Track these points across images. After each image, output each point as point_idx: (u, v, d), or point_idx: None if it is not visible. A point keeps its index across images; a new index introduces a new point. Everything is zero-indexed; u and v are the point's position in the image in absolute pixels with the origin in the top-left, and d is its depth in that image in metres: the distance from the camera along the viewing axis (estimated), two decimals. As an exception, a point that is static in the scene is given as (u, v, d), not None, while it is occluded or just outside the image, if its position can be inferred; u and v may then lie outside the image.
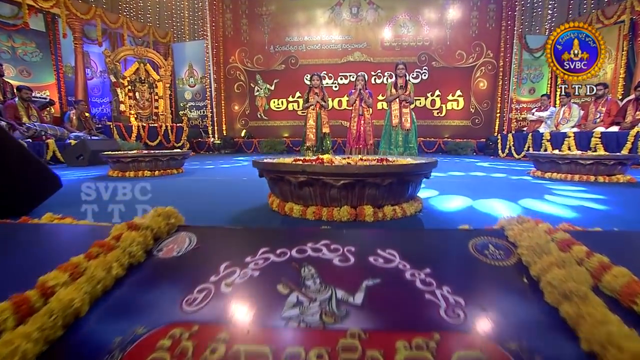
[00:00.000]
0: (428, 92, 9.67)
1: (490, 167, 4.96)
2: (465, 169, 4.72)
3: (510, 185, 3.04)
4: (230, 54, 10.35)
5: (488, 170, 4.43)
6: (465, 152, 8.80)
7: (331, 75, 9.98)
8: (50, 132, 6.21)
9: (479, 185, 2.96)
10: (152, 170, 3.83)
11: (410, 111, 5.57)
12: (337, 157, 2.31)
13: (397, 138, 5.60)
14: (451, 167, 4.92)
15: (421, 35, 9.58)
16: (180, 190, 2.76)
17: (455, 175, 3.85)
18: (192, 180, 3.46)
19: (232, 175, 3.91)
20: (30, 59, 7.90)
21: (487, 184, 3.08)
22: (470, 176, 3.75)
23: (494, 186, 2.91)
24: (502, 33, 9.00)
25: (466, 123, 9.72)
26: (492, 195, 2.38)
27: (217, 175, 3.97)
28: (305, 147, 5.75)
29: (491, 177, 3.69)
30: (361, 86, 5.58)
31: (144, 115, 9.15)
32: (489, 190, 2.66)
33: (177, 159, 4.02)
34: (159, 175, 3.84)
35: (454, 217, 1.76)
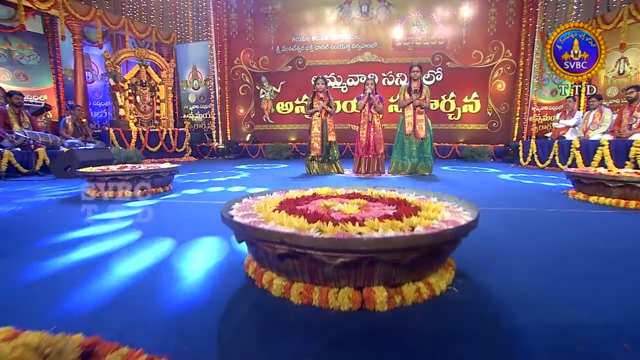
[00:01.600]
0: (442, 94, 9.06)
1: (515, 182, 4.37)
2: (488, 184, 4.14)
3: (564, 220, 2.48)
4: (235, 55, 9.89)
5: (513, 186, 3.84)
6: (482, 159, 8.18)
7: (340, 76, 9.45)
8: (41, 140, 5.82)
9: (518, 220, 2.42)
10: (133, 190, 3.38)
11: (425, 118, 5.01)
12: (339, 190, 1.79)
13: (410, 147, 5.04)
14: (471, 182, 4.34)
15: (435, 34, 8.98)
16: (131, 230, 2.28)
17: (480, 194, 3.29)
18: (167, 204, 2.97)
19: (222, 196, 3.42)
20: (27, 62, 7.56)
21: (527, 218, 2.53)
22: (497, 195, 3.19)
23: (537, 224, 2.36)
24: (523, 31, 8.35)
25: (483, 127, 9.09)
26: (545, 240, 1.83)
27: (205, 196, 3.48)
28: (309, 158, 5.23)
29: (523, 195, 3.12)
30: (371, 90, 5.04)
31: (145, 120, 8.77)
32: (534, 228, 2.12)
33: (162, 177, 3.55)
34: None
35: (513, 289, 1.23)
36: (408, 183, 4.24)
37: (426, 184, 4.21)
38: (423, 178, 4.71)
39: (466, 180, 4.64)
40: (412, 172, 5.08)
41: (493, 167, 6.51)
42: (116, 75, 7.83)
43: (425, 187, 3.92)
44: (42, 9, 7.46)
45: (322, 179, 4.68)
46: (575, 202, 2.94)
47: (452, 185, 4.14)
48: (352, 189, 1.84)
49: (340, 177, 4.91)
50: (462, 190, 3.58)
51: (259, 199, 1.64)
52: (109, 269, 1.45)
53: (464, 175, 5.26)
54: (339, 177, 4.91)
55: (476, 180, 4.58)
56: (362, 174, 5.15)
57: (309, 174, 5.21)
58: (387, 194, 1.71)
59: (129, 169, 3.49)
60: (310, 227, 1.08)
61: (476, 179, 4.73)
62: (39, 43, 7.72)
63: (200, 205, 2.90)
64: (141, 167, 3.77)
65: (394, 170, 5.18)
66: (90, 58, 8.92)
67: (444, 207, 1.39)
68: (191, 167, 6.77)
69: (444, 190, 3.54)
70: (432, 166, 5.09)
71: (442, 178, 4.77)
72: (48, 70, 7.92)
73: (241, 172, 5.78)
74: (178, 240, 1.84)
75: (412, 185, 4.09)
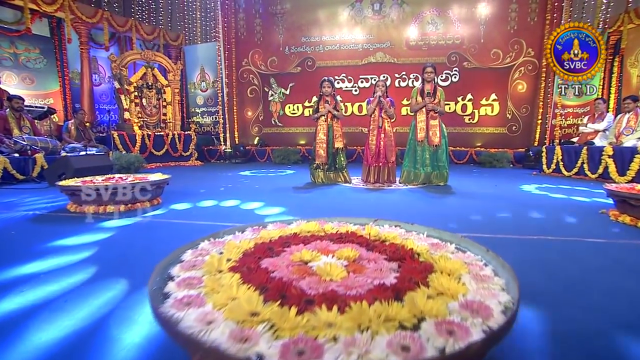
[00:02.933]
0: (459, 96, 8.54)
1: (541, 196, 3.88)
2: (510, 199, 3.67)
3: (621, 258, 2.03)
4: (243, 56, 9.59)
5: (540, 203, 3.37)
6: (501, 165, 7.63)
7: (351, 78, 9.03)
8: (40, 145, 5.61)
9: (556, 256, 1.98)
10: (117, 205, 3.07)
11: (439, 123, 4.55)
12: (329, 226, 1.41)
13: (423, 155, 4.60)
14: (491, 196, 3.87)
15: (451, 32, 8.46)
16: (84, 265, 1.93)
17: (501, 220, 2.84)
18: (146, 226, 2.63)
19: (212, 213, 3.07)
20: (33, 65, 7.42)
21: (569, 253, 2.08)
22: (524, 221, 2.74)
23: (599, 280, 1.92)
24: (547, 27, 7.76)
25: (502, 131, 8.52)
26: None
27: (193, 212, 3.14)
28: (314, 166, 4.85)
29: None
30: (381, 93, 4.62)
31: (151, 123, 8.54)
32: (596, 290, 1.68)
33: (149, 190, 3.22)
34: (125, 210, 3.07)
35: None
36: (419, 197, 3.81)
37: (440, 197, 3.77)
38: (437, 190, 4.26)
39: (485, 192, 4.18)
40: (426, 182, 4.64)
41: (513, 176, 5.98)
42: (121, 77, 7.62)
43: (439, 202, 3.48)
44: (49, 12, 7.30)
45: (326, 190, 4.29)
46: (621, 227, 2.47)
47: (470, 199, 3.69)
48: (347, 226, 1.45)
49: (346, 187, 4.51)
50: (481, 208, 3.13)
51: (221, 243, 1.27)
52: (25, 335, 1.10)
53: (482, 186, 4.79)
54: (345, 187, 4.51)
55: (496, 193, 4.10)
56: (371, 183, 4.74)
57: (313, 183, 4.84)
58: (390, 235, 1.31)
59: (113, 182, 3.18)
60: (261, 319, 0.70)
61: (496, 192, 4.26)
62: (45, 46, 7.58)
63: (182, 227, 2.55)
64: (129, 178, 3.47)
65: (405, 180, 4.75)
66: (98, 60, 8.77)
67: (466, 267, 0.98)
68: (193, 174, 6.48)
69: (460, 208, 3.13)
70: (448, 176, 4.63)
71: (457, 190, 4.32)
72: (54, 74, 7.78)
73: (242, 179, 5.45)
74: (133, 284, 1.49)
75: (424, 199, 3.66)
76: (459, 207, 3.19)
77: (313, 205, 3.37)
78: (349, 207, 3.26)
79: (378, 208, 3.24)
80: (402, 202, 3.51)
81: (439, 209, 3.18)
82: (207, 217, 2.84)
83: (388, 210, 3.15)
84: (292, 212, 3.00)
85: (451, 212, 2.99)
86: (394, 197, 3.77)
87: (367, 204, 3.42)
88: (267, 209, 3.12)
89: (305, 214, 2.93)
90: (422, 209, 3.18)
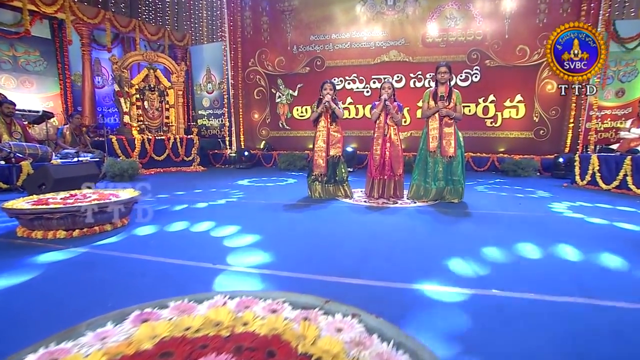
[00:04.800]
0: (480, 97, 7.83)
1: (576, 220, 3.23)
2: (536, 224, 3.04)
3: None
4: (249, 57, 9.19)
5: (576, 232, 2.73)
6: (527, 173, 6.88)
7: (362, 78, 8.47)
8: (28, 152, 5.35)
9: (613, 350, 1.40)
10: (68, 230, 2.66)
11: (454, 131, 3.95)
12: (249, 314, 0.91)
13: (435, 168, 4.01)
14: (512, 220, 3.23)
15: (472, 28, 7.76)
16: None
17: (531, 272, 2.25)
18: (83, 264, 2.19)
19: (176, 243, 2.61)
20: (33, 68, 7.26)
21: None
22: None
23: None
24: (582, 19, 6.95)
25: (528, 135, 7.75)
26: None
27: (155, 240, 2.70)
28: (311, 178, 4.33)
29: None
30: (387, 96, 4.06)
31: (153, 126, 8.26)
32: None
33: (108, 213, 2.80)
34: (79, 235, 2.66)
35: None
36: (426, 220, 3.23)
37: (450, 222, 3.18)
38: (449, 209, 3.68)
39: (506, 215, 3.54)
40: (437, 198, 4.06)
41: (541, 189, 5.27)
42: (121, 79, 7.34)
43: (448, 230, 2.90)
44: (49, 13, 7.10)
45: (320, 209, 3.76)
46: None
47: (486, 224, 3.09)
48: (275, 318, 0.94)
49: (344, 205, 3.97)
50: (499, 239, 2.54)
51: (65, 352, 0.79)
52: None
53: (503, 203, 4.14)
54: (343, 205, 3.97)
55: (520, 216, 3.47)
56: (375, 199, 4.19)
57: (310, 197, 4.33)
58: (327, 347, 0.80)
59: (69, 202, 2.78)
60: None
61: (520, 212, 3.62)
62: (45, 48, 7.41)
63: (127, 265, 2.10)
64: (93, 196, 3.07)
65: (414, 195, 4.17)
66: (101, 62, 8.57)
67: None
68: (189, 182, 6.09)
69: (471, 240, 2.44)
70: (463, 191, 4.02)
71: (474, 209, 3.71)
72: (55, 76, 7.60)
73: (236, 191, 5.00)
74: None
75: (431, 223, 3.07)
76: (471, 239, 2.61)
77: (295, 232, 2.86)
78: (336, 238, 2.72)
79: (370, 238, 2.70)
80: (401, 229, 2.94)
81: (445, 240, 2.59)
82: (165, 249, 2.38)
83: (381, 241, 2.60)
84: (266, 242, 2.52)
85: (459, 246, 2.41)
86: (395, 221, 3.21)
87: (360, 231, 2.87)
88: (239, 237, 2.64)
89: (280, 246, 2.44)
90: (423, 242, 2.60)
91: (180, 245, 2.48)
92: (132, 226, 2.99)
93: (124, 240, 2.61)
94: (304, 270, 1.98)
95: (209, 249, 2.40)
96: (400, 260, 2.16)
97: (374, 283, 1.80)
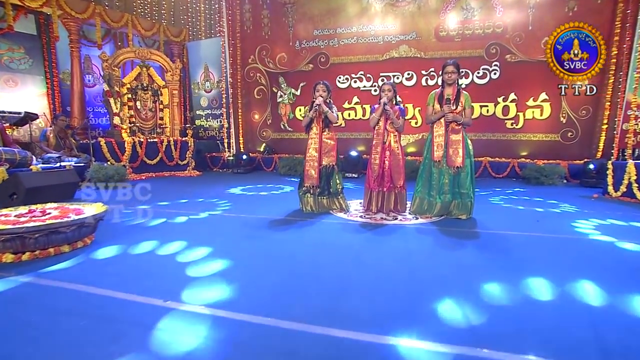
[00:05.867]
0: (499, 96, 7.49)
1: (613, 251, 2.92)
2: (558, 253, 2.75)
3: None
4: (249, 53, 9.05)
5: (614, 270, 2.44)
6: (551, 181, 6.52)
7: (370, 76, 8.22)
8: (5, 157, 5.30)
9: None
10: (17, 253, 2.53)
11: (463, 138, 3.69)
12: None
13: (441, 180, 3.75)
14: (529, 248, 2.94)
15: (491, 19, 7.43)
16: None
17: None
18: (5, 301, 2.04)
19: (135, 270, 2.45)
20: (17, 66, 7.26)
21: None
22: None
23: None
24: (619, 5, 6.55)
25: (553, 138, 7.37)
26: None
27: (114, 265, 2.54)
28: (302, 190, 4.13)
29: None
30: (387, 99, 3.82)
31: (146, 128, 8.20)
32: None
33: (64, 233, 2.65)
34: (29, 259, 2.52)
35: None
36: (423, 243, 2.98)
37: (451, 247, 2.92)
38: (454, 228, 3.42)
39: (519, 236, 3.23)
40: (443, 213, 3.80)
41: (566, 201, 4.91)
42: (110, 78, 7.29)
43: (446, 257, 2.63)
44: (33, 7, 7.09)
45: (308, 226, 3.54)
46: None
47: (493, 250, 2.82)
48: None
49: (335, 222, 3.74)
50: (505, 273, 2.28)
51: None
52: None
53: (517, 220, 3.83)
54: (335, 222, 3.74)
55: (536, 238, 3.16)
56: (373, 213, 3.96)
57: (302, 211, 4.13)
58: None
59: (22, 222, 2.65)
60: None
61: (536, 232, 3.32)
62: (31, 45, 7.41)
63: (63, 307, 1.94)
64: (54, 212, 2.94)
65: (417, 210, 3.93)
66: (92, 60, 8.56)
67: None
68: (180, 188, 5.97)
69: (471, 272, 2.11)
70: (472, 206, 3.76)
71: (482, 227, 3.45)
72: (42, 75, 7.60)
73: (224, 201, 4.84)
74: None
75: (429, 248, 2.82)
76: (472, 270, 2.35)
77: (270, 258, 2.63)
78: (315, 266, 2.47)
79: (355, 266, 2.47)
80: (393, 255, 2.67)
81: (442, 272, 2.32)
82: (120, 278, 2.22)
83: (366, 272, 2.37)
84: (234, 271, 2.34)
85: (456, 281, 2.16)
86: (388, 244, 2.95)
87: (345, 257, 2.62)
88: (206, 264, 2.46)
89: (248, 276, 2.26)
90: (415, 274, 2.32)
91: (138, 274, 2.32)
92: (95, 246, 2.85)
93: (79, 265, 2.47)
94: (267, 312, 1.78)
95: (168, 279, 2.22)
96: (382, 300, 1.93)
97: (343, 334, 1.59)
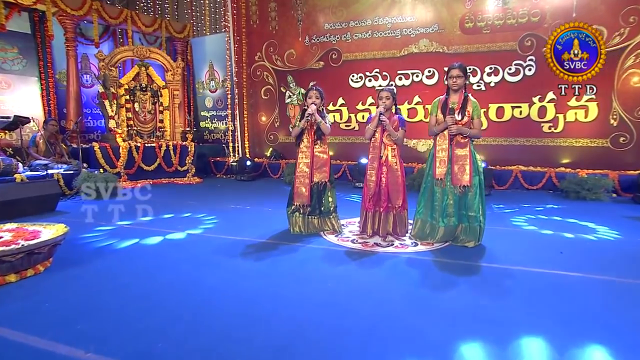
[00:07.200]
0: (535, 95, 7.05)
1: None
2: (576, 302, 2.39)
3: None
4: (256, 50, 9.03)
5: None
6: (595, 196, 6.02)
7: (386, 74, 7.98)
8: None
9: None
10: (-43, 282, 2.53)
11: (470, 153, 3.43)
12: None
13: (444, 200, 3.50)
14: (538, 294, 2.59)
15: (526, 6, 7.00)
16: None
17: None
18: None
19: (62, 323, 2.39)
20: (10, 67, 7.53)
21: None
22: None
23: None
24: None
25: (601, 143, 6.85)
26: None
27: (61, 307, 2.50)
28: (291, 209, 3.99)
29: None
30: (384, 108, 3.62)
31: (145, 131, 8.32)
32: None
33: (11, 262, 2.63)
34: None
35: None
36: (412, 277, 2.74)
37: (445, 283, 2.66)
38: (456, 257, 3.17)
39: (533, 274, 2.86)
40: (448, 239, 3.55)
41: (607, 223, 4.42)
42: (106, 79, 7.44)
43: (439, 293, 2.38)
44: (27, 5, 7.32)
45: (290, 253, 3.39)
46: None
47: (492, 290, 2.53)
48: None
49: (322, 248, 3.56)
50: (496, 321, 2.03)
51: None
52: None
53: (536, 250, 3.45)
54: (321, 248, 3.56)
55: (552, 276, 2.86)
56: (368, 236, 3.77)
57: (290, 232, 4.00)
58: None
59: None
60: None
61: (558, 271, 2.99)
62: (25, 44, 7.66)
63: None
64: (6, 236, 2.95)
65: (418, 234, 3.70)
66: (89, 58, 8.79)
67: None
68: (170, 199, 5.98)
69: (456, 316, 1.88)
70: (482, 231, 3.48)
71: (488, 259, 3.16)
72: (36, 75, 7.86)
73: (211, 217, 4.78)
74: None
75: (419, 288, 2.57)
76: (455, 322, 2.06)
77: (225, 297, 2.52)
78: (270, 307, 2.28)
79: (317, 309, 2.27)
80: (369, 295, 2.43)
81: (417, 323, 2.02)
82: (53, 319, 2.16)
83: (328, 320, 2.18)
84: (170, 319, 2.22)
85: (429, 338, 1.90)
86: (369, 279, 2.72)
87: (311, 297, 2.41)
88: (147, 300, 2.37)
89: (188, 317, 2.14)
90: (384, 325, 2.02)
91: (74, 315, 2.24)
92: (47, 274, 2.83)
93: (18, 300, 2.44)
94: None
95: (101, 323, 2.14)
96: (332, 356, 1.76)
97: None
